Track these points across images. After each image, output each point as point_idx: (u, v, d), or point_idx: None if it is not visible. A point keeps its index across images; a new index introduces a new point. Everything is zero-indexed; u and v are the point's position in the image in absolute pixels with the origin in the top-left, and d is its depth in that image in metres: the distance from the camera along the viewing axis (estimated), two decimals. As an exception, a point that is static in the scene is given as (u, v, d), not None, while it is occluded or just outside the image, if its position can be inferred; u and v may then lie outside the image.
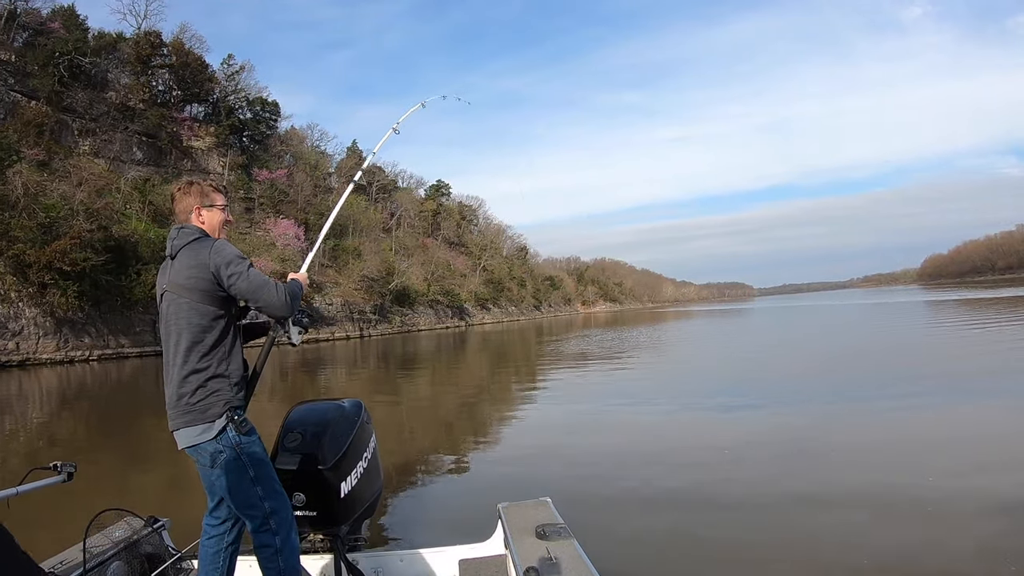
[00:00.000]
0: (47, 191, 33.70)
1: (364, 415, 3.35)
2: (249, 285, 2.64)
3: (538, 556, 2.84)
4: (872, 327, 28.73)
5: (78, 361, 31.93)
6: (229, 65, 58.25)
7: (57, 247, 30.71)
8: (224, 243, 2.76)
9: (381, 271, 59.89)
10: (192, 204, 2.84)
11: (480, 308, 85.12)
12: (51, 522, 4.84)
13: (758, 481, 6.01)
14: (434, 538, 3.99)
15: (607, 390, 13.53)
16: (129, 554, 3.15)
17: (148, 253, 36.58)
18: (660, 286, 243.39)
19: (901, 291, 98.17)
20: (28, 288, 30.98)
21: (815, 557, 4.27)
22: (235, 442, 2.63)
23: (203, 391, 2.61)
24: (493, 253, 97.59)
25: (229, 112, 56.57)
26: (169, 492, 6.85)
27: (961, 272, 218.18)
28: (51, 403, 17.51)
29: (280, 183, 57.71)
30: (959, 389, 10.34)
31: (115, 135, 46.20)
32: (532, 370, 19.90)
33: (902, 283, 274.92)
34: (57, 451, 9.92)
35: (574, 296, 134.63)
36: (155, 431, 10.08)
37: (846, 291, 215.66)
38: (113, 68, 49.89)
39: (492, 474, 7.17)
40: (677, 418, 9.66)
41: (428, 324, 67.58)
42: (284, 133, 66.59)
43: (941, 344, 18.23)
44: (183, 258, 2.69)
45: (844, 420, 8.61)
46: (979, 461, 6.24)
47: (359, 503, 3.17)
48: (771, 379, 13.58)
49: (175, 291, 2.67)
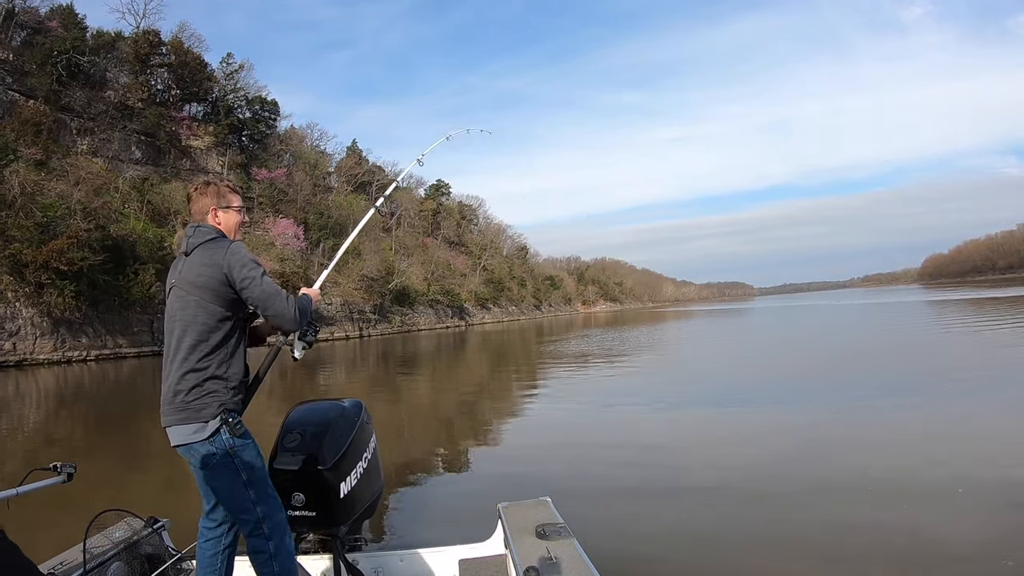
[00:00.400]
0: (43, 190, 33.53)
1: (364, 415, 3.34)
2: (261, 293, 2.63)
3: (538, 556, 2.84)
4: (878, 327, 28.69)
5: (75, 361, 31.78)
6: (228, 64, 58.08)
7: (54, 246, 30.56)
8: (240, 246, 2.75)
9: (381, 271, 59.69)
10: (209, 204, 2.82)
11: (480, 308, 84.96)
12: (51, 523, 4.85)
13: (759, 480, 6.01)
14: (434, 538, 4.00)
15: (607, 390, 13.50)
16: (129, 555, 3.16)
17: (146, 253, 36.45)
18: (660, 286, 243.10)
19: (902, 291, 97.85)
20: (25, 288, 30.83)
21: (814, 558, 4.29)
22: (228, 445, 2.60)
23: (199, 391, 2.58)
24: (493, 253, 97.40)
25: (228, 111, 56.34)
26: (169, 492, 6.84)
27: (962, 272, 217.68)
28: (48, 404, 17.39)
29: (279, 182, 57.51)
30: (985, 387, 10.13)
31: (113, 134, 46.04)
32: (531, 370, 19.87)
33: (903, 283, 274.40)
34: (55, 452, 9.82)
35: (574, 296, 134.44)
36: (154, 432, 10.44)
37: (846, 291, 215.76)
38: (112, 67, 49.72)
39: (492, 474, 7.19)
40: (677, 419, 9.65)
41: (428, 324, 67.41)
42: (284, 132, 66.37)
43: (963, 346, 18.02)
44: (197, 255, 2.68)
45: (847, 419, 8.55)
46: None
47: (359, 503, 3.16)
48: (772, 379, 13.55)
49: (184, 287, 2.65)
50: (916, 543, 4.35)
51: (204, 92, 55.40)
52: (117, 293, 34.41)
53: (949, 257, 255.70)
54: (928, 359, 14.52)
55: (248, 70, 59.25)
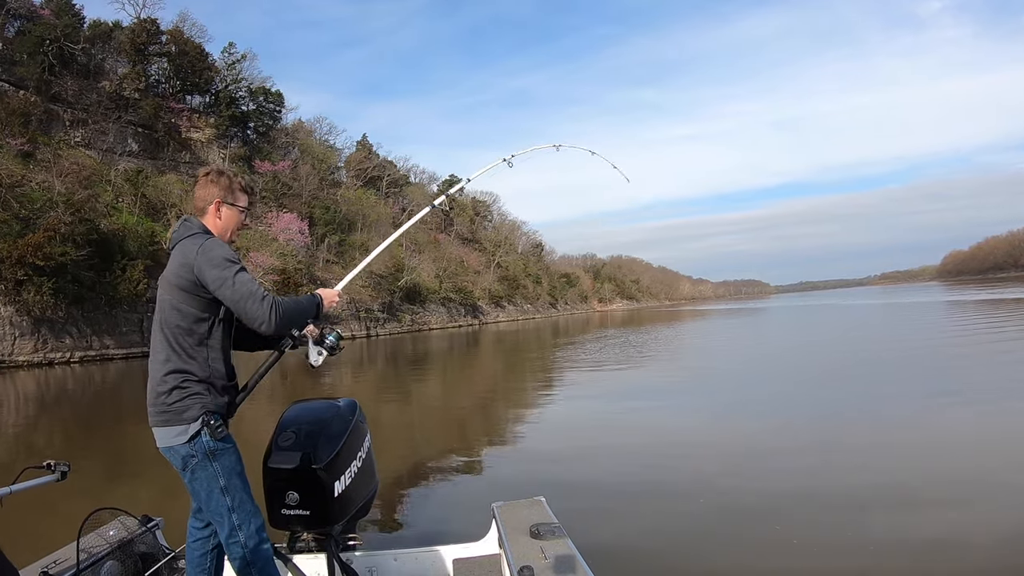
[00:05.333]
0: (25, 182, 31.39)
1: (359, 414, 3.16)
2: (232, 293, 2.39)
3: (532, 555, 2.81)
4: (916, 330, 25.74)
5: (58, 363, 29.66)
6: (230, 54, 55.88)
7: (30, 240, 28.36)
8: (215, 243, 2.49)
9: (390, 267, 57.26)
10: (214, 196, 2.62)
11: (494, 306, 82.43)
12: (44, 521, 4.83)
13: (757, 480, 5.96)
14: (429, 537, 4.03)
15: (610, 390, 13.37)
16: (123, 553, 3.10)
17: (135, 248, 34.29)
18: (676, 284, 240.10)
19: (922, 289, 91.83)
20: (2, 285, 28.69)
21: (812, 561, 4.10)
22: (208, 448, 2.45)
23: (180, 392, 2.43)
24: (508, 250, 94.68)
25: (230, 102, 54.11)
26: (162, 492, 6.69)
27: (983, 269, 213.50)
28: (28, 408, 16.70)
29: (283, 175, 55.31)
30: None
31: (108, 125, 43.91)
32: (541, 371, 18.91)
33: (921, 280, 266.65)
34: (35, 458, 8.34)
35: (590, 294, 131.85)
36: (141, 435, 11.41)
37: (864, 289, 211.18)
38: (109, 57, 47.84)
39: (487, 473, 7.13)
40: (678, 418, 9.59)
41: (440, 323, 64.94)
42: (291, 126, 64.25)
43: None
44: (176, 253, 2.51)
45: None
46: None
47: (353, 503, 3.01)
48: (775, 381, 13.06)
49: (163, 287, 2.52)
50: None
51: (205, 83, 53.26)
52: (103, 291, 32.19)
53: (969, 254, 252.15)
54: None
55: (251, 60, 57.11)
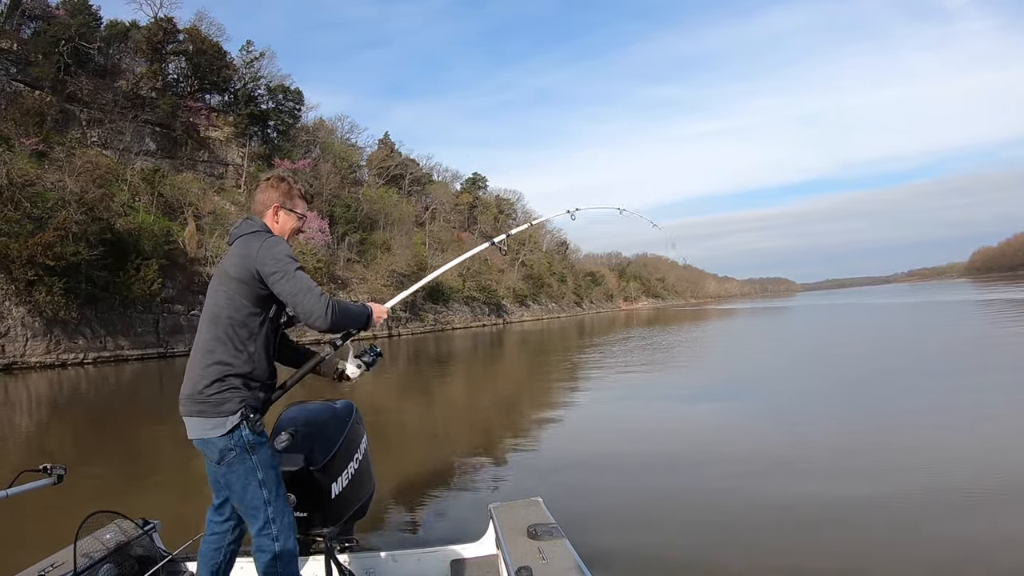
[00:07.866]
0: (38, 181, 30.56)
1: (356, 416, 3.15)
2: (291, 287, 2.47)
3: (530, 556, 2.82)
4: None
5: (71, 364, 28.70)
6: (248, 52, 55.00)
7: (40, 239, 27.42)
8: (278, 240, 2.61)
9: (412, 266, 56.01)
10: (273, 200, 2.74)
11: (519, 305, 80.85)
12: (41, 525, 4.82)
13: (755, 479, 5.91)
14: (426, 538, 4.16)
15: (613, 391, 13.26)
16: (120, 556, 3.13)
17: (150, 247, 33.28)
18: (702, 282, 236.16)
19: (952, 287, 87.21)
20: (13, 285, 27.83)
21: (811, 563, 4.08)
22: (248, 442, 2.50)
23: (220, 385, 2.47)
24: (532, 248, 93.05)
25: (248, 100, 53.28)
26: (159, 494, 6.61)
27: (1013, 266, 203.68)
28: (41, 410, 16.28)
29: (303, 174, 54.34)
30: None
31: (125, 125, 43.17)
32: (561, 373, 18.14)
33: (949, 277, 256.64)
34: (46, 458, 7.49)
35: (616, 292, 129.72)
36: (149, 436, 10.46)
37: (891, 286, 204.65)
38: (126, 56, 47.24)
39: (485, 474, 7.01)
40: (678, 420, 9.50)
41: (463, 322, 63.52)
42: (312, 124, 63.39)
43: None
44: (236, 247, 2.60)
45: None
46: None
47: (350, 504, 3.02)
48: (777, 381, 12.79)
49: (219, 278, 2.58)
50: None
51: (223, 81, 52.44)
52: (117, 291, 31.23)
53: (998, 250, 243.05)
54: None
55: (270, 58, 56.13)
